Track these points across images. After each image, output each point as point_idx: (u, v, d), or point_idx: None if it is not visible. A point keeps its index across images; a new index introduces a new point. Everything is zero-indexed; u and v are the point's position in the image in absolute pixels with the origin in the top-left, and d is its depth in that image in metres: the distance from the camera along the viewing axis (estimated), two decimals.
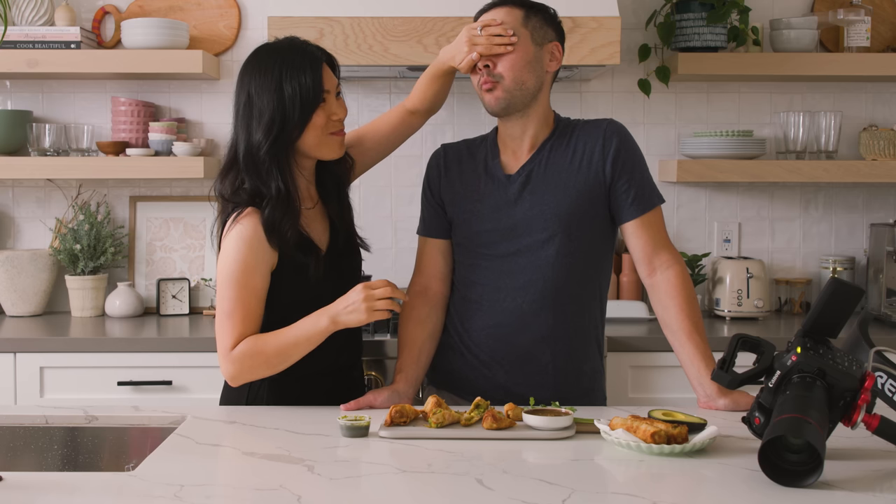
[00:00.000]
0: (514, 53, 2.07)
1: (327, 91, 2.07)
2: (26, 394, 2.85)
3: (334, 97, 2.09)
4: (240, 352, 1.99)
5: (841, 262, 3.40)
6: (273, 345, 1.99)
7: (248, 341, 1.99)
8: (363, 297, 1.95)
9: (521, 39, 2.08)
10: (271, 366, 2.01)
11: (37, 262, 3.25)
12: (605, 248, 2.19)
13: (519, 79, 2.08)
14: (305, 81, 2.01)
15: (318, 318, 1.98)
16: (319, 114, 2.04)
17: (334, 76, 2.11)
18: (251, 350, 1.99)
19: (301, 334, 1.98)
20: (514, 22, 2.09)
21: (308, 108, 2.02)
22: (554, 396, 2.09)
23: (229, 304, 2.00)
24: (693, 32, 3.23)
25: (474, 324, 2.17)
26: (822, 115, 3.32)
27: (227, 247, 2.02)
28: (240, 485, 1.56)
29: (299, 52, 2.06)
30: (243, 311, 2.00)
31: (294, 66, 2.02)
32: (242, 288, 2.00)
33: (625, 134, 2.15)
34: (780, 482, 1.50)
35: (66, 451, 1.95)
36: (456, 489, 1.52)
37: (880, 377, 1.65)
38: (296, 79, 2.01)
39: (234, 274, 2.00)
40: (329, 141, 2.08)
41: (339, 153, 2.11)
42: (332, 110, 2.07)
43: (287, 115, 2.01)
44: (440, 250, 2.24)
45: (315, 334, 1.98)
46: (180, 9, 3.40)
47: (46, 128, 3.26)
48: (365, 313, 1.95)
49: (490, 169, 2.18)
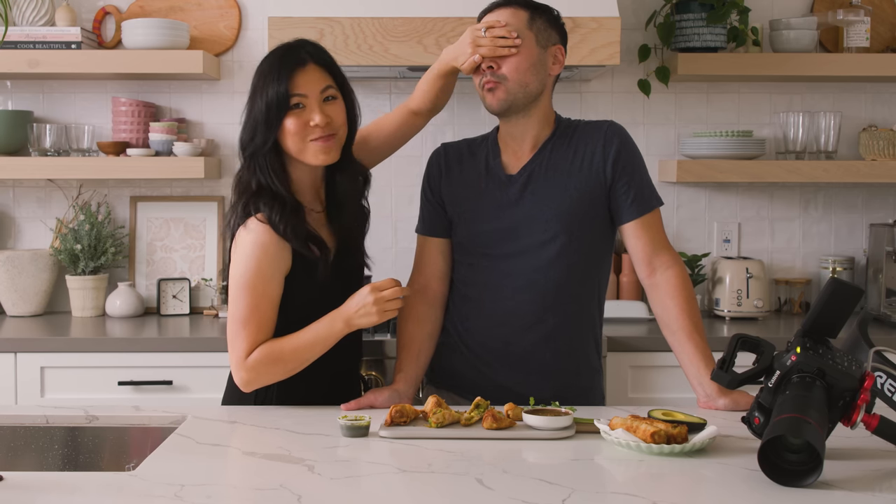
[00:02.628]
0: (519, 55, 2.07)
1: (301, 96, 2.02)
2: (27, 394, 2.85)
3: (316, 102, 2.03)
4: (255, 360, 1.99)
5: (840, 262, 3.41)
6: (289, 350, 1.99)
7: (262, 348, 1.99)
8: (373, 299, 1.96)
9: (526, 41, 2.08)
10: (286, 371, 2.01)
11: (37, 262, 3.26)
12: (604, 248, 2.20)
13: (522, 81, 2.08)
14: (274, 87, 2.00)
15: (333, 321, 1.99)
16: (293, 119, 2.01)
17: (324, 79, 2.05)
18: (267, 357, 1.99)
19: (317, 338, 1.99)
20: (519, 24, 2.08)
21: (275, 114, 2.01)
22: (553, 395, 2.09)
23: (244, 311, 1.99)
24: (693, 33, 3.24)
25: (474, 323, 2.17)
26: (822, 115, 3.32)
27: (242, 253, 2.01)
28: (240, 484, 1.57)
29: (280, 57, 2.04)
30: (258, 319, 1.99)
31: (269, 72, 2.02)
32: (259, 296, 1.99)
33: (625, 136, 2.16)
34: (780, 482, 1.50)
35: (66, 450, 1.96)
36: (456, 489, 1.52)
37: (880, 377, 1.66)
38: (269, 85, 2.01)
39: (250, 281, 1.99)
40: (310, 147, 2.03)
41: (321, 160, 2.04)
42: (309, 116, 2.02)
43: (258, 120, 2.03)
44: (439, 249, 2.24)
45: (330, 337, 1.99)
46: (181, 9, 3.40)
47: (47, 128, 3.26)
48: (377, 315, 1.96)
49: (491, 169, 2.18)
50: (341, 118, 2.07)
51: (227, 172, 3.44)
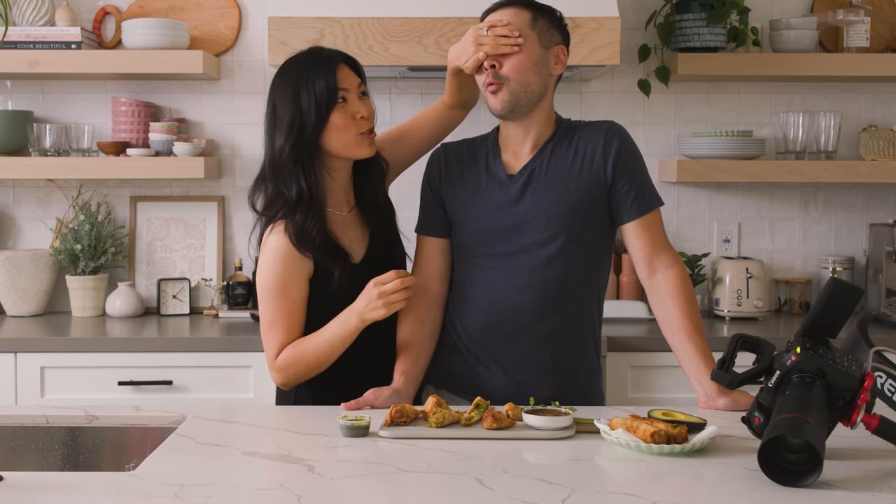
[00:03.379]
0: (521, 55, 2.07)
1: (345, 90, 2.10)
2: (27, 394, 2.86)
3: (356, 97, 2.12)
4: (283, 360, 2.09)
5: (840, 262, 3.41)
6: (311, 349, 2.08)
7: (289, 349, 2.09)
8: (377, 293, 2.01)
9: (528, 41, 2.08)
10: (312, 368, 2.10)
11: (37, 262, 3.26)
12: (604, 248, 2.20)
13: (524, 81, 2.08)
14: (320, 83, 2.08)
15: (347, 318, 2.05)
16: (339, 114, 2.09)
17: (356, 76, 2.15)
18: (292, 357, 2.09)
19: (334, 336, 2.06)
20: (522, 23, 2.08)
21: (324, 108, 2.08)
22: (552, 395, 2.09)
23: (271, 315, 2.10)
24: (693, 33, 3.24)
25: (473, 322, 2.17)
26: (822, 115, 3.32)
27: (264, 260, 2.12)
28: (240, 485, 1.57)
29: (314, 57, 2.12)
30: (284, 321, 2.09)
31: (310, 71, 2.09)
32: (282, 299, 2.09)
33: (626, 136, 2.16)
34: (780, 482, 1.50)
35: (66, 450, 1.96)
36: (456, 489, 1.52)
37: (880, 377, 1.66)
38: (311, 82, 2.08)
39: (273, 287, 2.09)
40: (358, 141, 2.12)
41: (369, 152, 2.14)
42: (355, 109, 2.11)
43: (305, 118, 2.08)
44: (439, 249, 2.24)
45: (347, 334, 2.05)
46: (181, 9, 3.40)
47: (47, 128, 3.26)
48: (383, 308, 2.01)
49: (491, 169, 2.18)
50: (373, 114, 2.16)
51: (227, 172, 3.44)
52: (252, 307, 3.29)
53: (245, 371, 2.88)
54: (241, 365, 2.88)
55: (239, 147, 3.45)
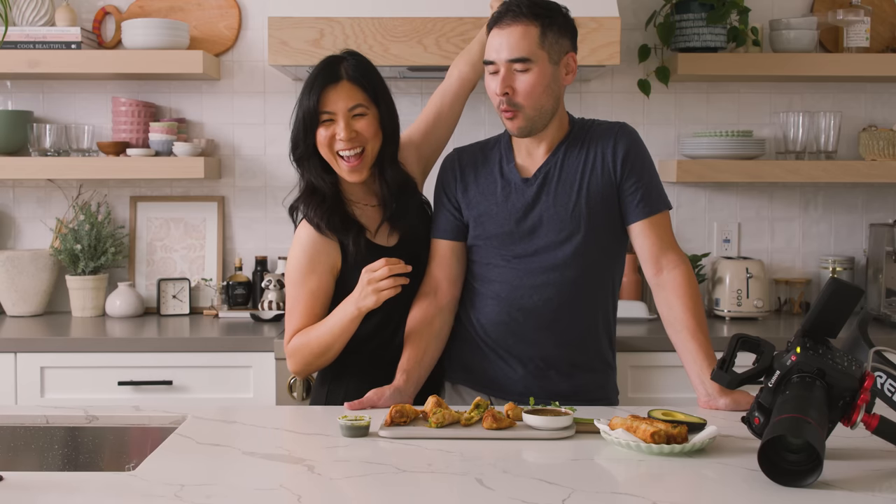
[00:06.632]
0: (533, 78, 2.07)
1: (330, 112, 2.12)
2: (27, 394, 2.86)
3: (343, 118, 2.12)
4: (292, 346, 2.17)
5: (840, 262, 3.41)
6: (314, 337, 2.13)
7: (297, 336, 2.17)
8: (366, 281, 2.04)
9: (539, 62, 2.07)
10: (316, 356, 2.15)
11: (37, 262, 3.26)
12: (618, 247, 2.22)
13: (538, 105, 2.09)
14: (306, 102, 2.14)
15: (346, 306, 2.10)
16: (322, 131, 2.14)
17: (355, 97, 2.13)
18: (299, 344, 2.16)
19: (335, 324, 2.10)
20: (531, 45, 2.06)
21: (309, 125, 2.14)
22: (568, 391, 2.13)
23: (290, 302, 2.19)
24: (693, 33, 3.24)
25: (491, 319, 2.19)
26: (822, 115, 3.32)
27: (290, 251, 2.21)
28: (240, 484, 1.57)
29: (317, 73, 2.15)
30: (301, 309, 2.17)
31: (308, 86, 2.15)
32: (300, 287, 2.17)
33: (635, 138, 2.19)
34: (780, 482, 1.50)
35: (66, 450, 1.96)
36: (456, 489, 1.52)
37: (880, 377, 1.66)
38: (303, 99, 2.15)
39: (293, 275, 2.18)
40: (340, 162, 2.15)
41: (347, 176, 2.16)
42: (333, 132, 2.13)
43: (298, 130, 2.16)
44: (453, 252, 2.24)
45: (347, 322, 2.09)
46: (180, 9, 3.40)
47: (47, 128, 3.26)
48: (373, 295, 2.04)
49: (506, 173, 2.20)
50: (370, 131, 2.15)
51: (226, 172, 3.44)
52: (251, 307, 3.30)
53: (245, 371, 2.88)
54: (241, 365, 2.88)
55: (239, 147, 3.45)
